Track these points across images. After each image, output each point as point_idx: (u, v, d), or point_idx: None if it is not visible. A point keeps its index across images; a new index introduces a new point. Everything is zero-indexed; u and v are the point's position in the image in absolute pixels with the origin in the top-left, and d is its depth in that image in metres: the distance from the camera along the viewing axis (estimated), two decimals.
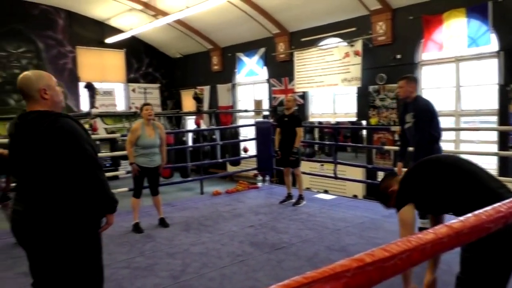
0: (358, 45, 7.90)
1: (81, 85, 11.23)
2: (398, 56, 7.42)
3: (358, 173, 7.72)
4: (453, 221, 0.94)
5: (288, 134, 6.24)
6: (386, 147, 7.27)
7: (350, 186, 7.88)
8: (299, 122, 6.29)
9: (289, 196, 6.56)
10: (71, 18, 11.32)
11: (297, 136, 6.15)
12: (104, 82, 11.91)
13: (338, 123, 8.86)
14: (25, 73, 2.24)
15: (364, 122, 8.14)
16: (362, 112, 8.13)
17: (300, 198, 6.34)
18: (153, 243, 4.73)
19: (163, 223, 5.42)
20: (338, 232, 4.97)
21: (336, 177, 7.20)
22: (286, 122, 6.31)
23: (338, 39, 8.43)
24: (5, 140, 4.77)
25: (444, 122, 5.55)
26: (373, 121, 7.89)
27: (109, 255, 4.32)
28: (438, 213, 2.54)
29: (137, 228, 5.18)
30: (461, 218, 0.95)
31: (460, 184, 2.18)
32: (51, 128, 2.06)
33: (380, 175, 7.55)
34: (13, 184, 3.99)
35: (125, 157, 9.18)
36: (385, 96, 7.68)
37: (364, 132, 8.57)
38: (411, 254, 0.75)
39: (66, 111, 10.62)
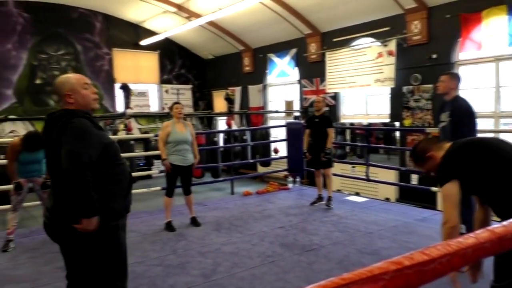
0: (392, 45, 7.75)
1: (117, 86, 11.57)
2: (434, 56, 7.22)
3: (391, 176, 7.57)
4: (495, 226, 0.91)
5: (319, 135, 6.22)
6: None
7: (382, 189, 7.73)
8: (330, 123, 6.26)
9: (319, 198, 6.51)
10: (108, 21, 11.67)
11: (329, 137, 6.12)
12: (139, 83, 12.21)
13: (370, 124, 8.72)
14: (60, 77, 2.41)
15: (397, 124, 7.97)
16: (396, 113, 7.96)
17: (329, 199, 6.28)
18: (185, 241, 4.81)
19: (194, 222, 5.49)
20: (370, 235, 4.89)
21: (368, 179, 7.08)
22: (317, 123, 6.28)
23: (371, 39, 8.29)
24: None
25: (482, 123, 5.36)
26: (407, 122, 7.71)
27: (143, 252, 4.43)
28: (481, 196, 2.40)
29: (169, 227, 5.27)
30: (504, 222, 0.92)
31: (502, 171, 2.11)
32: (64, 126, 2.17)
33: (414, 177, 7.37)
34: None
35: (158, 157, 9.38)
36: (419, 97, 7.49)
37: (398, 133, 8.39)
38: (451, 258, 0.73)
39: (102, 111, 11.01)
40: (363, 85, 8.47)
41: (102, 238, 2.21)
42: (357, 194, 7.77)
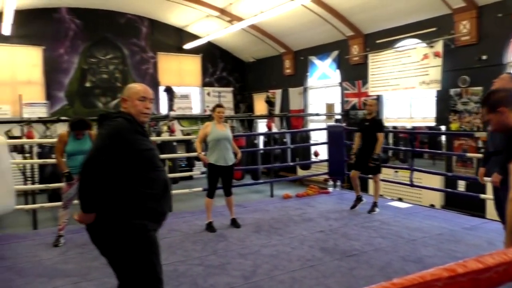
0: (439, 46, 7.49)
1: (161, 89, 11.90)
2: (484, 57, 6.91)
3: (436, 181, 7.30)
4: None
5: (368, 139, 6.06)
6: (469, 154, 6.77)
7: (427, 195, 7.48)
8: (381, 127, 6.07)
9: (358, 199, 6.39)
10: (153, 25, 12.06)
11: (378, 141, 5.94)
12: (181, 86, 12.50)
13: (414, 128, 8.47)
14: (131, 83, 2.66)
15: (443, 128, 7.69)
16: (442, 117, 7.68)
17: (375, 205, 6.12)
18: (225, 242, 4.86)
19: (235, 223, 5.55)
20: (414, 243, 4.74)
21: (412, 185, 6.87)
22: (367, 126, 6.11)
23: (416, 40, 8.06)
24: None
25: None
26: (454, 126, 7.42)
27: (185, 251, 4.53)
28: None
29: (210, 228, 5.35)
30: None
31: None
32: (107, 123, 2.35)
33: (461, 184, 7.08)
34: None
35: (199, 158, 9.55)
36: (468, 100, 7.19)
37: (444, 138, 8.09)
38: (508, 268, 0.71)
39: None
40: (407, 88, 8.24)
41: (130, 236, 2.26)
42: (400, 199, 7.56)
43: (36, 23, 10.51)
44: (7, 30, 9.43)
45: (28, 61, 10.58)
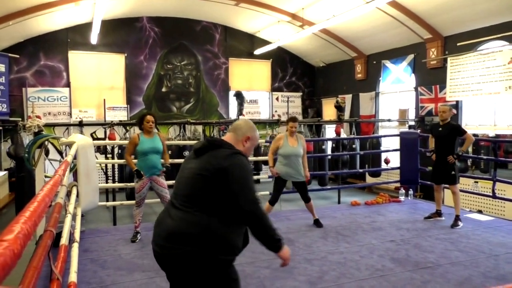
0: None
1: (231, 93, 12.22)
2: None
3: None
4: None
5: (443, 147, 5.69)
6: None
7: (511, 208, 6.88)
8: (460, 132, 5.64)
9: (437, 213, 6.04)
10: (227, 32, 12.44)
11: (467, 140, 5.61)
12: (251, 91, 12.73)
13: (498, 136, 7.84)
14: (249, 120, 2.46)
15: None
16: None
17: (457, 219, 5.68)
18: (292, 247, 4.85)
19: (317, 223, 5.77)
20: (496, 258, 4.39)
21: (494, 196, 6.37)
22: (441, 133, 5.71)
23: (502, 42, 7.49)
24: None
25: None
26: None
27: (252, 253, 4.57)
28: None
29: None
30: None
31: None
32: (231, 159, 2.14)
33: None
34: None
35: (266, 162, 9.67)
36: None
37: None
38: None
39: (217, 118, 11.72)
40: (490, 93, 7.68)
41: (216, 271, 2.09)
42: (480, 212, 7.04)
43: (119, 32, 11.33)
44: (94, 39, 10.28)
45: (112, 68, 11.43)
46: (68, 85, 10.91)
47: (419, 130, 8.21)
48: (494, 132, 8.02)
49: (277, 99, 13.20)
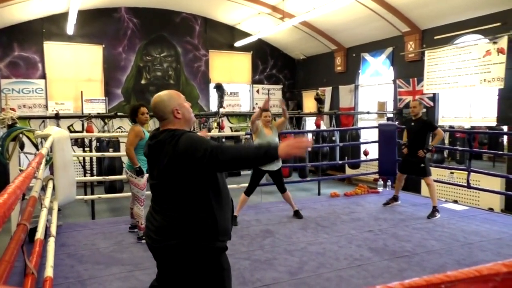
0: (503, 42, 7.05)
1: (212, 86, 12.13)
2: None
3: (496, 184, 6.90)
4: None
5: (414, 141, 5.88)
6: None
7: (485, 198, 7.08)
8: (431, 127, 5.82)
9: (394, 198, 6.43)
10: (207, 24, 12.31)
11: (438, 136, 5.74)
12: (231, 84, 12.67)
13: (473, 127, 8.04)
14: (157, 95, 2.23)
15: (505, 128, 7.24)
16: (504, 116, 7.23)
17: (435, 210, 5.79)
18: (272, 238, 4.89)
19: (297, 214, 5.81)
20: (470, 246, 4.51)
21: (469, 186, 6.54)
22: (413, 127, 5.91)
23: (478, 36, 7.64)
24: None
25: None
26: None
27: (232, 245, 4.56)
28: None
29: (233, 221, 5.40)
30: None
31: None
32: (175, 144, 2.04)
33: None
34: None
35: None
36: None
37: (506, 138, 7.62)
38: None
39: (198, 110, 11.63)
40: (466, 86, 7.84)
41: (206, 262, 2.07)
42: (455, 202, 7.22)
43: (97, 23, 11.07)
44: (70, 30, 10.03)
45: (89, 59, 11.18)
46: (43, 76, 10.64)
47: (397, 122, 8.33)
48: (470, 124, 8.21)
49: (257, 91, 13.18)
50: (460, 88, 8.00)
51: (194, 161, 1.97)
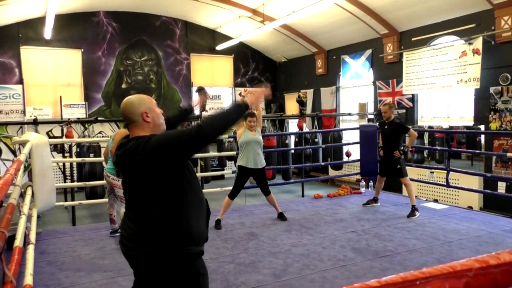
0: (478, 43, 7.24)
1: (194, 89, 12.09)
2: None
3: (474, 183, 7.06)
4: None
5: (388, 143, 6.01)
6: (509, 155, 6.48)
7: (464, 196, 7.24)
8: (404, 129, 5.96)
9: (374, 200, 6.52)
10: (187, 27, 12.27)
11: (411, 136, 5.88)
12: (214, 87, 12.65)
13: (451, 127, 8.21)
14: (128, 97, 2.21)
15: (482, 127, 7.42)
16: (481, 116, 7.42)
17: (414, 209, 5.89)
18: (256, 241, 4.88)
19: (281, 217, 5.80)
20: (450, 245, 4.60)
21: (448, 185, 6.67)
22: (386, 130, 6.06)
23: (454, 37, 7.82)
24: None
25: None
26: (494, 125, 7.15)
27: (216, 249, 4.58)
28: None
29: (217, 224, 5.43)
30: None
31: None
32: (144, 147, 1.94)
33: (501, 185, 6.82)
34: None
35: (231, 158, 9.70)
36: (509, 99, 6.91)
37: (483, 138, 7.81)
38: None
39: None
40: (444, 86, 8.01)
41: (181, 268, 2.02)
42: (436, 201, 7.35)
43: (75, 27, 10.92)
44: (48, 34, 9.86)
45: (68, 64, 11.01)
46: (21, 82, 10.42)
47: (377, 123, 8.44)
48: (448, 124, 8.38)
49: (240, 94, 13.19)
50: (438, 89, 8.17)
51: (176, 148, 1.90)
